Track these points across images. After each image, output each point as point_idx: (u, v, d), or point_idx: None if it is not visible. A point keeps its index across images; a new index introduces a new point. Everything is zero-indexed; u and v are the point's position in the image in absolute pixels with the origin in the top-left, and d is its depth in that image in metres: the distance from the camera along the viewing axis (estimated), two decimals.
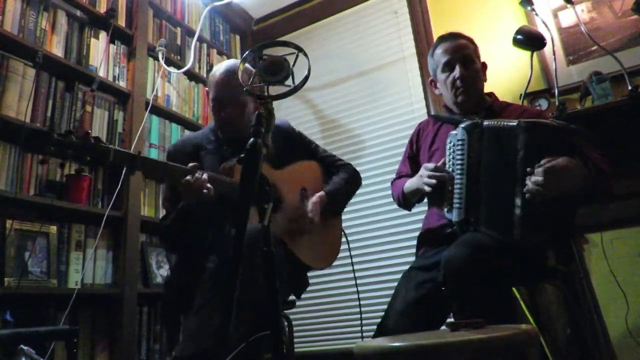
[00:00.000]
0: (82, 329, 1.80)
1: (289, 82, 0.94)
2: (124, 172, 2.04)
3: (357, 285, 1.85)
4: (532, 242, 1.30)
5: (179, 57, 2.63)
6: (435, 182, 1.43)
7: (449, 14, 2.62)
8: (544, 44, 2.11)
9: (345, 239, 1.72)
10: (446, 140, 1.51)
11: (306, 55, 0.97)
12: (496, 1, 2.52)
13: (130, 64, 2.28)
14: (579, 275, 1.87)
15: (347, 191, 1.70)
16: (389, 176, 1.82)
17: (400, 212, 2.45)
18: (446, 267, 1.23)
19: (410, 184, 1.60)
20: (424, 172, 1.47)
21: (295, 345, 2.44)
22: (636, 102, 1.82)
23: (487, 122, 1.39)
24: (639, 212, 1.91)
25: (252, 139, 0.85)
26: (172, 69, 2.50)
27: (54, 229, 1.78)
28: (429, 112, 2.53)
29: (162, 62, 2.40)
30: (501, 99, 1.71)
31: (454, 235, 1.41)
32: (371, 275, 2.49)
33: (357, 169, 1.79)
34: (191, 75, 2.69)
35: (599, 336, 1.82)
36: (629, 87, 1.87)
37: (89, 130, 1.96)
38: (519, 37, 2.11)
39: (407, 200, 1.65)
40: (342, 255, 1.71)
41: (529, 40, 2.11)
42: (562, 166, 1.23)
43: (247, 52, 1.02)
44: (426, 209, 1.66)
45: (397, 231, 2.51)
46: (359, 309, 1.75)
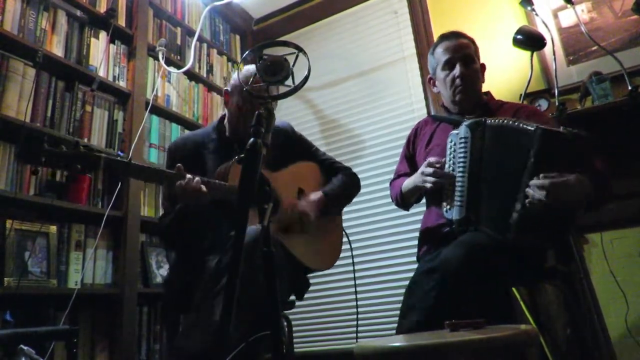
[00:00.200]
0: (82, 329, 1.80)
1: (289, 82, 0.94)
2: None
3: (356, 285, 1.85)
4: (524, 243, 1.30)
5: (179, 57, 2.64)
6: (435, 180, 1.41)
7: (449, 14, 2.62)
8: (544, 44, 2.11)
9: (347, 239, 1.72)
10: (444, 139, 1.50)
11: (306, 55, 0.97)
12: (496, 1, 2.52)
13: (130, 64, 2.28)
14: (579, 275, 1.86)
15: (346, 193, 1.70)
16: (389, 176, 1.82)
17: (400, 213, 2.45)
18: (443, 268, 1.23)
19: (408, 182, 1.59)
20: (426, 170, 1.45)
21: (295, 345, 2.44)
22: (636, 102, 1.82)
23: (491, 121, 1.38)
24: (639, 212, 1.91)
25: (252, 139, 0.85)
26: (172, 69, 2.50)
27: (54, 229, 1.78)
28: (429, 112, 2.53)
29: (162, 62, 2.40)
30: (501, 99, 1.71)
31: (453, 234, 1.41)
32: (371, 275, 2.49)
33: (357, 169, 1.79)
34: (191, 75, 2.68)
35: (599, 336, 1.82)
36: (629, 87, 1.87)
37: (79, 140, 1.96)
38: (519, 37, 2.11)
39: (405, 199, 1.65)
40: (343, 255, 1.71)
41: (529, 40, 2.11)
42: (568, 183, 1.22)
43: (247, 52, 1.03)
44: (424, 209, 1.66)
45: (397, 231, 2.51)
46: (356, 310, 1.75)
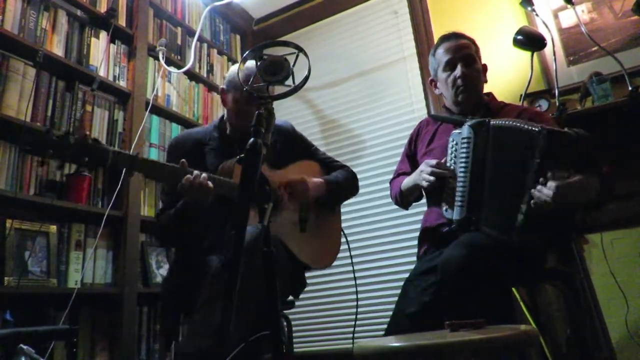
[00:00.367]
0: (82, 328, 1.80)
1: (289, 82, 0.94)
2: (124, 172, 2.04)
3: (357, 285, 1.84)
4: (528, 243, 1.30)
5: (179, 57, 2.63)
6: (433, 179, 1.41)
7: (449, 14, 2.63)
8: (544, 45, 2.11)
9: (345, 240, 1.72)
10: (445, 139, 1.49)
11: (306, 55, 0.97)
12: (496, 1, 2.52)
13: (130, 64, 2.28)
14: (579, 275, 1.86)
15: (345, 187, 1.69)
16: (389, 176, 1.82)
17: (400, 213, 2.45)
18: (443, 268, 1.23)
19: (408, 181, 1.59)
20: (425, 168, 1.45)
21: (294, 345, 2.44)
22: (636, 102, 1.82)
23: (495, 121, 1.37)
24: (639, 212, 1.91)
25: (252, 139, 0.85)
26: (172, 69, 2.50)
27: (54, 229, 1.78)
28: (429, 112, 2.53)
29: (163, 62, 2.40)
30: (501, 99, 1.71)
31: (453, 234, 1.40)
32: (371, 275, 2.49)
33: (357, 169, 1.79)
34: (191, 75, 2.68)
35: (599, 336, 1.82)
36: (629, 88, 1.87)
37: (87, 132, 1.96)
38: (519, 37, 2.11)
39: (404, 198, 1.64)
40: (342, 255, 1.70)
41: (529, 40, 2.11)
42: (575, 184, 1.21)
43: (247, 52, 1.03)
44: (425, 209, 1.66)
45: (396, 231, 2.51)
46: (356, 310, 1.75)
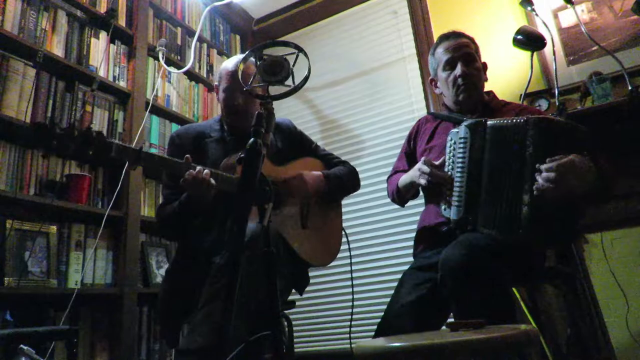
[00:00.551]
0: (82, 329, 1.80)
1: (289, 82, 0.94)
2: (124, 171, 2.04)
3: (353, 285, 1.85)
4: (536, 240, 1.29)
5: (179, 57, 2.63)
6: (432, 180, 1.40)
7: (449, 14, 2.63)
8: (544, 44, 2.11)
9: (345, 239, 1.72)
10: (444, 137, 1.49)
11: (306, 55, 0.97)
12: (496, 1, 2.52)
13: (130, 64, 2.28)
14: (579, 275, 1.86)
15: (344, 181, 1.69)
16: None
17: (399, 212, 2.46)
18: (443, 268, 1.22)
19: (405, 178, 1.59)
20: (423, 167, 1.44)
21: (295, 345, 2.44)
22: (636, 102, 1.82)
23: (492, 121, 1.37)
24: (639, 212, 1.91)
25: (251, 139, 0.85)
26: (172, 69, 2.50)
27: (53, 229, 1.78)
28: (429, 111, 2.53)
29: (162, 62, 2.40)
30: (501, 99, 1.70)
31: (451, 233, 1.40)
32: (370, 275, 2.49)
33: (357, 168, 1.79)
34: (191, 75, 2.68)
35: (599, 336, 1.82)
36: (629, 87, 1.87)
37: (91, 125, 1.95)
38: (519, 37, 2.11)
39: (401, 195, 1.64)
40: (342, 255, 1.71)
41: (529, 40, 2.11)
42: (573, 163, 1.21)
43: (247, 52, 1.03)
44: (422, 208, 1.66)
45: (396, 231, 2.51)
46: (351, 310, 1.75)
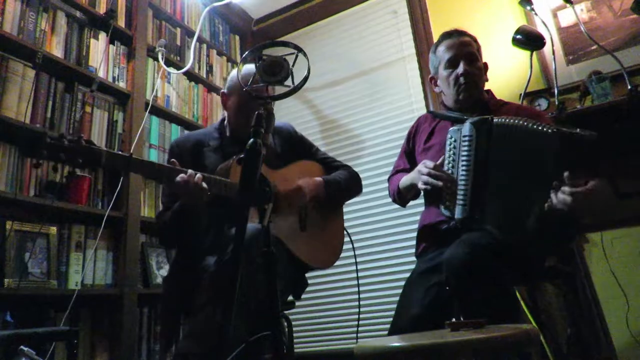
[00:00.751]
0: (82, 329, 1.80)
1: (289, 82, 0.94)
2: (123, 173, 2.04)
3: (359, 285, 1.84)
4: (532, 247, 1.29)
5: (178, 58, 2.63)
6: (436, 183, 1.39)
7: (449, 14, 2.62)
8: (544, 44, 2.11)
9: (349, 239, 1.71)
10: (443, 136, 1.48)
11: (306, 55, 0.97)
12: (495, 1, 2.52)
13: (129, 65, 2.28)
14: (580, 274, 1.86)
15: (345, 186, 1.68)
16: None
17: (400, 212, 2.46)
18: (447, 268, 1.23)
19: (406, 179, 1.58)
20: (424, 169, 1.43)
21: (295, 345, 2.44)
22: (636, 101, 1.82)
23: (497, 119, 1.36)
24: (639, 212, 1.91)
25: (251, 140, 0.85)
26: (171, 70, 2.50)
27: (54, 230, 1.78)
28: (428, 111, 2.53)
29: (162, 62, 2.40)
30: (502, 98, 1.70)
31: (453, 231, 1.40)
32: (371, 275, 2.49)
33: (357, 169, 1.78)
34: (191, 75, 2.68)
35: (599, 335, 1.82)
36: (629, 87, 1.87)
37: (82, 134, 1.96)
38: (519, 36, 2.12)
39: (402, 195, 1.64)
40: (343, 255, 1.70)
41: (529, 39, 2.11)
42: (594, 192, 1.19)
43: (246, 53, 1.03)
44: (423, 208, 1.65)
45: (397, 231, 2.51)
46: (358, 310, 1.75)
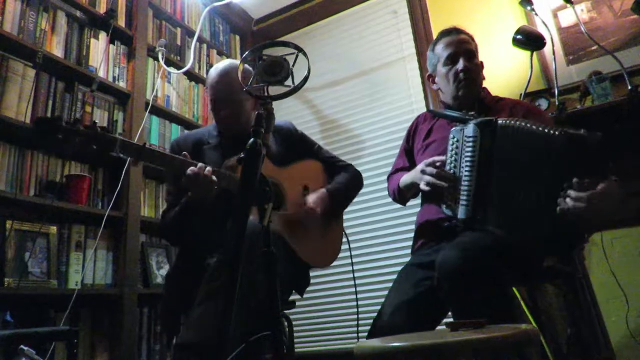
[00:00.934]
0: (82, 329, 1.80)
1: (289, 82, 0.94)
2: (124, 171, 2.04)
3: (356, 285, 1.85)
4: (544, 248, 1.29)
5: (178, 58, 2.63)
6: (440, 184, 1.38)
7: (449, 14, 2.62)
8: (544, 44, 2.11)
9: (345, 239, 1.72)
10: (442, 133, 1.48)
11: (306, 55, 0.97)
12: (496, 1, 2.52)
13: (130, 65, 2.28)
14: (579, 275, 1.86)
15: (348, 191, 1.71)
16: None
17: (400, 212, 2.46)
18: (440, 270, 1.21)
19: (406, 178, 1.57)
20: (426, 169, 1.42)
21: (295, 345, 2.44)
22: (636, 101, 1.82)
23: (502, 121, 1.34)
24: (639, 212, 1.91)
25: (251, 140, 0.85)
26: (172, 70, 2.50)
27: (54, 230, 1.78)
28: (428, 110, 2.53)
29: (162, 62, 2.40)
30: (494, 95, 1.69)
31: (453, 230, 1.39)
32: (370, 275, 2.49)
33: (357, 168, 1.79)
34: (191, 75, 2.68)
35: (599, 336, 1.82)
36: (629, 87, 1.87)
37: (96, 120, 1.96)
38: (519, 37, 2.12)
39: (402, 194, 1.63)
40: (343, 255, 1.71)
41: (529, 40, 2.11)
42: (607, 194, 1.18)
43: (246, 53, 1.03)
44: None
45: (396, 231, 2.51)
46: (356, 309, 1.75)
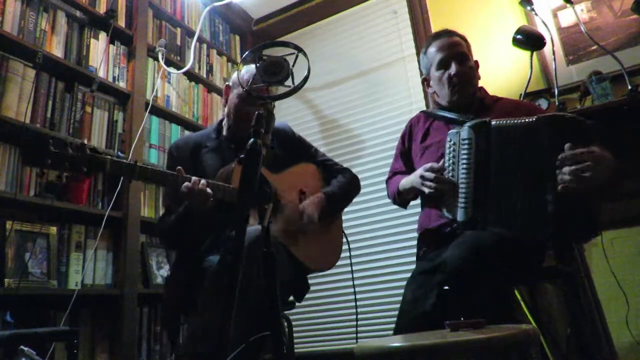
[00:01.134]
0: (83, 330, 1.80)
1: (289, 82, 0.94)
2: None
3: (355, 286, 1.85)
4: (560, 236, 1.29)
5: (178, 58, 2.63)
6: (437, 187, 1.39)
7: (449, 14, 2.62)
8: (544, 44, 2.11)
9: (345, 240, 1.72)
10: (439, 136, 1.48)
11: (306, 55, 0.97)
12: (496, 1, 2.52)
13: (130, 65, 2.28)
14: (580, 274, 1.86)
15: (345, 194, 1.70)
16: None
17: (399, 213, 2.45)
18: (447, 268, 1.22)
19: (405, 182, 1.58)
20: (425, 174, 1.43)
21: (295, 345, 2.43)
22: (636, 101, 1.82)
23: (495, 122, 1.36)
24: (639, 212, 1.91)
25: (251, 140, 0.85)
26: (171, 70, 2.50)
27: (54, 230, 1.78)
28: (422, 111, 2.53)
29: (162, 62, 2.40)
30: (492, 94, 1.69)
31: (453, 234, 1.40)
32: (370, 276, 2.49)
33: (357, 169, 1.79)
34: (191, 75, 2.68)
35: (599, 335, 1.82)
36: (629, 87, 1.87)
37: (85, 140, 1.96)
38: (519, 37, 2.11)
39: (402, 198, 1.64)
40: (343, 255, 1.71)
41: (529, 40, 2.11)
42: (596, 153, 1.21)
43: (246, 53, 1.03)
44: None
45: (396, 232, 2.51)
46: (355, 310, 1.75)
